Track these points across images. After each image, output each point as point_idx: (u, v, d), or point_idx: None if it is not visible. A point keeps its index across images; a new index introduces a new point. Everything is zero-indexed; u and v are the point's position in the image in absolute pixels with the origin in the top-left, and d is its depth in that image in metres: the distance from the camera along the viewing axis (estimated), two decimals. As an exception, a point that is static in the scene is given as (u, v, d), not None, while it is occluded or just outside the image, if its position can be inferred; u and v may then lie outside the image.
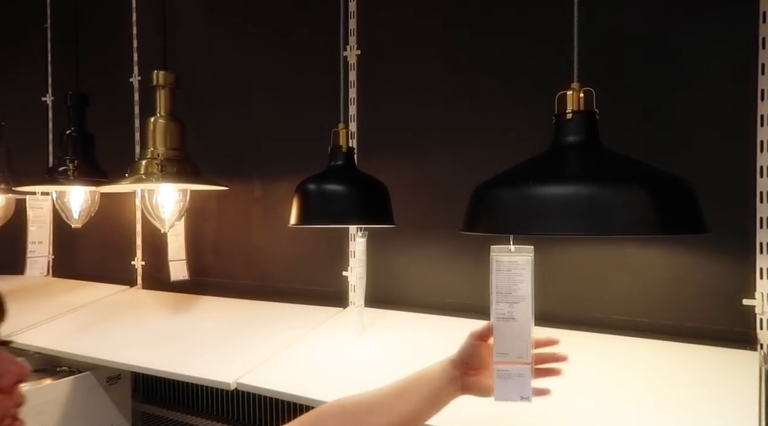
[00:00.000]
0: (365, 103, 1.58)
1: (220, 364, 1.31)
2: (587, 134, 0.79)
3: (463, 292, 1.44)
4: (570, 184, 0.71)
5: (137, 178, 1.38)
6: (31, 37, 2.33)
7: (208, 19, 1.94)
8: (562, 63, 0.81)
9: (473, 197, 0.82)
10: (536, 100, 1.32)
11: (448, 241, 1.45)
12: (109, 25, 2.15)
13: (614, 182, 0.70)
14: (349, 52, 1.57)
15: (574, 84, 0.79)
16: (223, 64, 1.91)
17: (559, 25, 0.81)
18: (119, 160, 1.77)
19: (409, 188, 1.50)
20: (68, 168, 1.64)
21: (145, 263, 2.05)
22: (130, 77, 2.07)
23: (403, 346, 1.32)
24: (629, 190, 0.69)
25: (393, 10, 1.56)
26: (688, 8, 1.19)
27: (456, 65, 1.46)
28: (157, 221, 1.51)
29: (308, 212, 1.12)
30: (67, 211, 1.78)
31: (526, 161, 0.81)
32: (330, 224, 1.13)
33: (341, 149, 1.17)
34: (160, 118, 1.43)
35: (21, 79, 2.39)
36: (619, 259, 1.24)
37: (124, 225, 2.09)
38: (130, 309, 1.83)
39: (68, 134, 1.71)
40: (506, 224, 0.76)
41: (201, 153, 1.52)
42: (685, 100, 1.19)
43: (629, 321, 1.23)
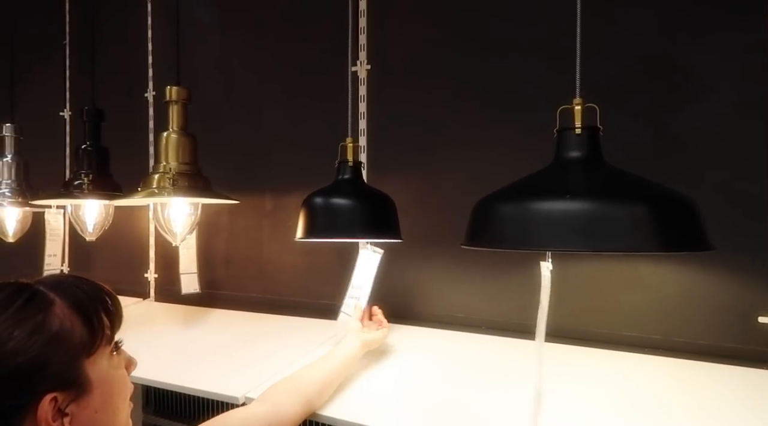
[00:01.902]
0: (375, 117, 1.59)
1: (229, 378, 1.31)
2: (589, 149, 0.79)
3: (472, 307, 1.44)
4: (573, 200, 0.71)
5: (150, 192, 1.40)
6: (51, 54, 2.39)
7: (220, 36, 1.97)
8: (569, 76, 0.81)
9: (474, 212, 0.83)
10: (547, 116, 1.32)
11: (457, 256, 1.45)
12: (125, 42, 2.19)
13: (614, 198, 0.69)
14: (359, 68, 1.59)
15: (576, 99, 0.79)
16: (234, 80, 1.93)
17: (569, 41, 0.81)
18: (133, 174, 1.80)
19: (418, 202, 1.50)
20: (83, 182, 1.67)
21: (158, 276, 2.07)
22: (145, 92, 2.10)
23: (410, 360, 1.31)
24: (630, 207, 0.68)
25: (403, 26, 1.57)
26: (698, 22, 1.18)
27: (465, 80, 1.47)
28: (168, 235, 1.53)
29: (314, 226, 1.12)
30: (81, 225, 1.80)
31: (527, 176, 0.81)
32: (335, 239, 1.14)
33: (348, 163, 1.18)
34: (172, 133, 1.45)
35: (40, 94, 2.44)
36: (631, 276, 1.22)
37: (137, 238, 2.11)
38: (143, 322, 1.85)
39: (83, 149, 1.74)
40: (505, 239, 0.76)
41: (212, 167, 1.54)
42: (694, 116, 1.18)
43: (641, 338, 1.21)
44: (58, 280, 0.61)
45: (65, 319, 0.57)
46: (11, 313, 0.54)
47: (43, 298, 0.57)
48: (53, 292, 0.58)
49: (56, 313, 0.56)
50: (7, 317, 0.54)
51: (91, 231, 1.80)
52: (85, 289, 0.60)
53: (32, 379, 0.54)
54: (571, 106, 0.80)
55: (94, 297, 0.61)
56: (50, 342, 0.55)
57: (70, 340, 0.56)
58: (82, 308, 0.58)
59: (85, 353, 0.58)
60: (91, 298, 0.60)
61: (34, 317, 0.55)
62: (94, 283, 0.63)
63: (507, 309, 1.39)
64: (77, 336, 0.57)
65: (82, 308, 0.58)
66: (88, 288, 0.61)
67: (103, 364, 0.60)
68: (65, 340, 0.56)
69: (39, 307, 0.56)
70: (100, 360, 0.60)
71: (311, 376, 1.05)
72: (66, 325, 0.56)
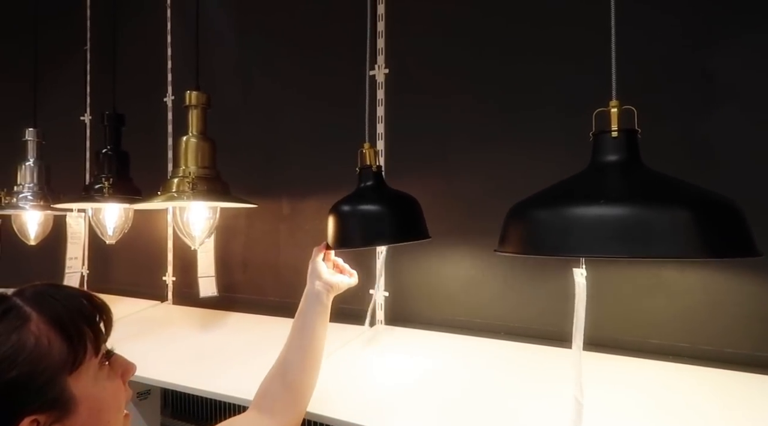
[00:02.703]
0: (393, 121, 1.58)
1: (247, 381, 1.30)
2: (628, 153, 0.77)
3: (493, 312, 1.42)
4: (611, 204, 0.69)
5: (169, 196, 1.41)
6: (72, 59, 2.42)
7: (238, 40, 1.98)
8: (596, 81, 0.80)
9: (509, 216, 0.81)
10: (569, 118, 1.30)
11: (478, 260, 1.43)
12: (144, 47, 2.22)
13: (656, 202, 0.67)
14: (376, 71, 1.58)
15: (613, 101, 0.77)
16: (252, 84, 1.94)
17: (594, 42, 0.79)
18: (152, 178, 1.81)
19: (438, 206, 1.49)
20: (103, 186, 1.69)
21: (176, 279, 2.09)
22: (164, 97, 2.12)
23: (432, 366, 1.29)
24: (676, 212, 0.66)
25: (421, 29, 1.56)
26: (726, 25, 1.16)
27: (487, 81, 1.46)
28: (187, 238, 1.53)
29: (347, 235, 1.10)
30: (101, 228, 1.82)
31: (563, 181, 0.79)
32: (370, 245, 1.13)
33: (369, 169, 1.17)
34: (191, 138, 1.46)
35: (61, 99, 2.47)
36: (654, 282, 1.20)
37: (156, 241, 2.13)
38: (161, 325, 1.86)
39: (104, 153, 1.76)
40: (542, 244, 0.74)
41: (231, 170, 1.55)
42: (724, 118, 1.15)
43: (667, 345, 1.19)
44: (36, 291, 0.57)
45: (41, 336, 0.53)
46: None
47: (18, 314, 0.54)
48: (30, 305, 0.55)
49: (32, 330, 0.53)
50: None
51: (111, 234, 1.81)
52: (64, 302, 0.56)
53: (9, 402, 0.51)
54: (608, 109, 0.78)
55: (74, 309, 0.57)
56: (26, 362, 0.52)
57: (48, 358, 0.53)
58: (60, 323, 0.55)
59: (66, 370, 0.54)
60: (71, 310, 0.56)
61: (8, 336, 0.52)
62: (75, 293, 0.59)
63: (529, 315, 1.37)
64: (56, 353, 0.53)
65: (60, 323, 0.55)
66: (68, 300, 0.57)
67: (88, 379, 0.56)
68: (42, 359, 0.53)
69: (13, 324, 0.53)
70: (85, 375, 0.56)
71: (298, 364, 0.98)
72: (42, 342, 0.53)
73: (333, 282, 1.04)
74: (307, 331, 1.00)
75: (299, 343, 0.99)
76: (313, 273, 1.04)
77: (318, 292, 1.02)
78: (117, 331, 0.94)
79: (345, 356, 1.41)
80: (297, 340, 0.99)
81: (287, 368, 0.97)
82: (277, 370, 0.98)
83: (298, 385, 0.96)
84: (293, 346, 0.99)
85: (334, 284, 1.04)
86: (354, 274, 1.12)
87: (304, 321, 1.01)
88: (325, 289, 1.02)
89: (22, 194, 1.91)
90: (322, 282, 1.03)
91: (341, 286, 1.06)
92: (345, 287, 1.08)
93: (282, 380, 0.96)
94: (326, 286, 1.03)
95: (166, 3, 2.13)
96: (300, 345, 0.98)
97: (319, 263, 1.05)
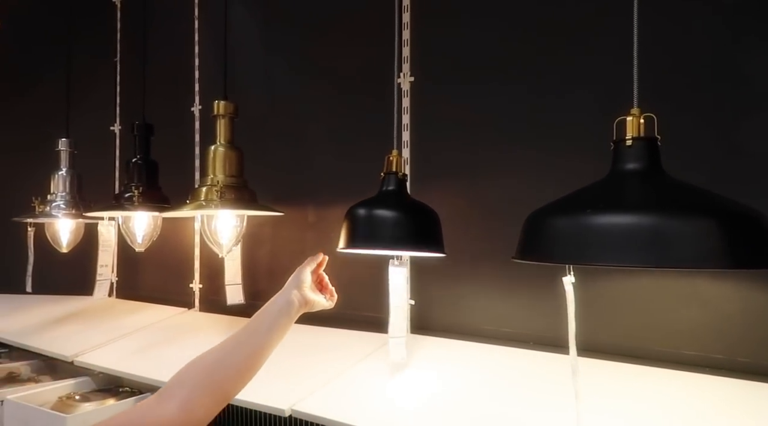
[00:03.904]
0: (418, 129, 1.58)
1: (275, 390, 1.31)
2: (648, 161, 0.76)
3: (519, 322, 1.40)
4: (631, 212, 0.68)
5: (198, 204, 1.43)
6: (102, 71, 2.48)
7: (264, 50, 2.01)
8: (622, 86, 0.79)
9: (527, 224, 0.80)
10: (595, 126, 1.28)
11: (504, 269, 1.42)
12: (172, 58, 2.26)
13: (679, 211, 0.66)
14: (402, 79, 1.59)
15: (634, 109, 0.76)
16: (279, 93, 1.96)
17: (621, 47, 0.78)
18: (179, 186, 1.84)
19: (462, 215, 1.48)
20: (133, 194, 1.72)
21: (203, 286, 2.11)
22: (192, 107, 2.16)
23: (456, 376, 1.28)
24: (697, 220, 0.65)
25: (446, 37, 1.56)
26: (759, 27, 1.13)
27: (511, 89, 1.45)
28: (215, 246, 1.55)
29: (356, 237, 1.11)
30: (131, 236, 1.85)
31: (583, 188, 0.78)
32: (377, 250, 1.13)
33: (393, 175, 1.17)
34: (219, 147, 1.48)
35: (92, 109, 2.53)
36: (689, 291, 1.17)
37: (183, 249, 2.16)
38: (188, 332, 1.88)
39: (134, 162, 1.80)
40: (561, 253, 0.74)
41: (257, 178, 1.56)
42: (758, 124, 1.13)
43: (701, 357, 1.15)
44: None
45: None
46: None
47: None
48: None
49: None
50: None
51: (140, 242, 1.84)
52: None
53: None
54: (628, 116, 0.77)
55: None
56: None
57: None
58: None
59: None
60: None
61: None
62: None
63: (559, 324, 1.35)
64: None
65: None
66: None
67: None
68: None
69: None
70: None
71: (232, 362, 0.84)
72: None
73: (310, 299, 0.97)
74: (260, 339, 0.88)
75: (247, 348, 0.86)
76: (294, 281, 0.97)
77: (291, 302, 0.93)
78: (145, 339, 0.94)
79: (373, 365, 1.40)
80: (245, 345, 0.86)
81: (220, 368, 0.83)
82: (206, 366, 0.83)
83: (227, 389, 0.83)
84: (237, 349, 0.86)
85: (309, 301, 0.97)
86: (334, 297, 1.06)
87: (262, 327, 0.90)
88: (300, 303, 0.94)
89: (55, 203, 1.96)
90: (301, 294, 0.95)
91: (315, 307, 0.99)
92: (318, 309, 1.00)
93: (209, 378, 0.81)
94: (302, 300, 0.95)
95: (194, 15, 2.18)
96: (247, 351, 0.86)
97: (306, 274, 0.98)
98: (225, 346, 0.86)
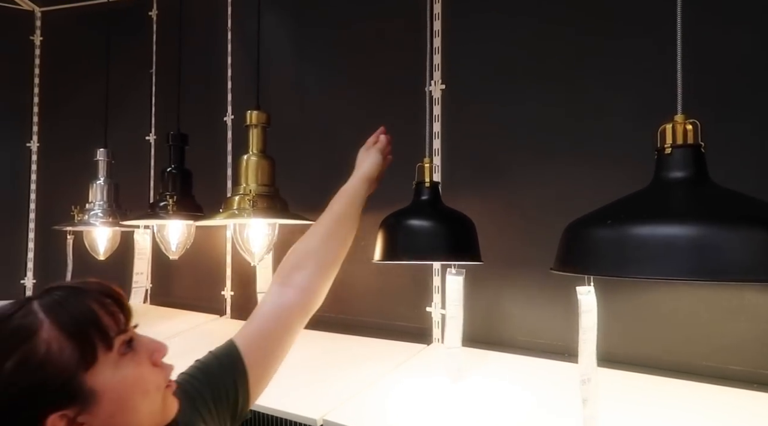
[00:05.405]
0: (449, 137, 1.57)
1: (306, 400, 1.31)
2: (693, 169, 0.73)
3: (555, 333, 1.37)
4: (674, 223, 0.66)
5: (230, 213, 1.44)
6: (139, 82, 2.55)
7: (296, 60, 2.03)
8: (665, 92, 0.76)
9: (566, 234, 0.78)
10: (634, 133, 1.25)
11: (538, 279, 1.39)
12: (206, 69, 2.30)
13: (726, 221, 0.63)
14: (433, 87, 1.58)
15: (677, 116, 0.73)
16: (310, 102, 1.97)
17: (660, 52, 0.76)
18: (211, 195, 1.87)
19: (496, 223, 1.45)
20: (168, 203, 1.74)
21: (234, 294, 2.13)
22: (224, 116, 2.19)
23: (488, 386, 1.26)
24: (743, 231, 0.62)
25: (478, 44, 1.55)
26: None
27: (545, 97, 1.42)
28: (247, 254, 1.56)
29: (394, 248, 1.10)
30: (165, 244, 1.88)
31: (625, 197, 0.76)
32: (416, 261, 1.11)
33: (426, 184, 1.16)
34: (252, 156, 1.50)
35: (128, 119, 2.60)
36: (736, 304, 1.12)
37: (215, 257, 2.18)
38: (220, 339, 1.89)
39: (168, 171, 1.82)
40: (601, 265, 0.71)
41: (288, 187, 1.57)
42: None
43: (749, 372, 1.10)
44: (50, 299, 0.61)
45: (52, 342, 0.57)
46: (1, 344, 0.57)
47: (31, 322, 0.58)
48: (43, 311, 0.59)
49: (42, 338, 0.57)
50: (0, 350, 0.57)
51: (174, 250, 1.87)
52: (74, 308, 0.60)
53: (30, 404, 0.56)
54: (672, 124, 0.74)
55: (82, 314, 0.60)
56: (39, 368, 0.56)
57: (60, 362, 0.57)
58: (69, 329, 0.58)
59: (81, 369, 0.58)
60: (79, 316, 0.59)
61: (20, 346, 0.57)
62: (88, 295, 0.62)
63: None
64: (66, 356, 0.57)
65: (69, 329, 0.58)
66: (78, 306, 0.60)
67: (106, 373, 0.60)
68: (55, 363, 0.57)
69: (26, 333, 0.57)
70: (102, 369, 0.59)
71: (338, 248, 0.99)
72: (53, 348, 0.57)
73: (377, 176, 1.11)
74: (351, 220, 1.02)
75: (343, 229, 1.00)
76: (376, 161, 1.10)
77: (371, 180, 1.08)
78: (179, 345, 0.94)
79: (405, 375, 1.39)
80: (343, 224, 1.00)
81: (326, 250, 0.97)
82: (314, 249, 0.96)
83: (333, 268, 0.97)
84: (338, 227, 0.99)
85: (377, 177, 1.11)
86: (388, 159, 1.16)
87: (352, 209, 1.03)
88: (371, 181, 1.09)
89: (93, 211, 2.00)
90: (375, 176, 1.09)
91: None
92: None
93: (319, 262, 0.95)
94: (373, 179, 1.09)
95: (227, 26, 2.21)
96: (343, 232, 0.99)
97: (379, 158, 1.11)
98: (323, 229, 0.99)
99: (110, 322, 0.61)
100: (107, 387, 0.59)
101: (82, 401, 0.58)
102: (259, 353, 0.86)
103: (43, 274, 2.61)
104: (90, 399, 0.58)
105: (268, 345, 0.87)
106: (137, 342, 0.64)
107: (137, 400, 0.62)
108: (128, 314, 0.64)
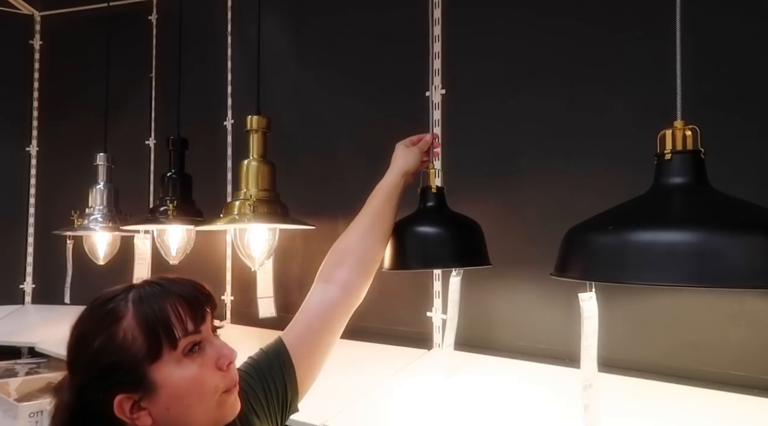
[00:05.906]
0: (449, 142, 1.57)
1: (308, 404, 1.30)
2: (693, 175, 0.73)
3: (556, 339, 1.37)
4: (674, 229, 0.66)
5: (231, 218, 1.44)
6: (138, 86, 2.55)
7: (296, 64, 2.03)
8: (664, 96, 0.76)
9: (566, 240, 0.78)
10: (634, 137, 1.25)
11: (540, 284, 1.39)
12: (206, 74, 2.30)
13: (726, 228, 0.63)
14: (433, 92, 1.58)
15: (677, 122, 0.73)
16: (310, 106, 1.98)
17: (662, 57, 0.76)
18: (211, 199, 1.86)
19: (497, 228, 1.45)
20: (168, 208, 1.74)
21: (234, 299, 2.13)
22: (224, 121, 2.19)
23: (491, 392, 1.26)
24: (744, 237, 0.62)
25: (478, 50, 1.56)
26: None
27: (545, 101, 1.43)
28: (247, 259, 1.56)
29: (404, 256, 1.09)
30: (165, 249, 1.88)
31: (625, 203, 0.76)
32: (426, 268, 1.11)
33: (432, 189, 1.16)
34: (252, 161, 1.49)
35: (128, 124, 2.60)
36: (737, 309, 1.12)
37: (215, 262, 2.18)
38: (220, 344, 1.89)
39: (169, 176, 1.82)
40: (601, 271, 0.71)
41: (288, 192, 1.57)
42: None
43: (750, 378, 1.10)
44: (142, 289, 0.68)
45: (129, 332, 0.64)
46: (96, 322, 0.66)
47: (121, 310, 0.65)
48: (132, 304, 0.66)
49: (123, 326, 0.64)
50: (94, 326, 0.66)
51: (174, 255, 1.87)
52: (155, 307, 0.65)
53: (107, 382, 0.64)
54: (672, 129, 0.75)
55: (159, 314, 0.65)
56: (117, 351, 0.64)
57: (131, 351, 0.64)
58: (143, 323, 0.64)
59: (147, 361, 0.64)
60: (157, 315, 0.65)
61: (109, 328, 0.65)
62: (167, 294, 0.67)
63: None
64: (137, 347, 0.64)
65: (143, 323, 0.64)
66: (156, 303, 0.66)
67: (169, 369, 0.65)
68: (127, 351, 0.64)
69: (114, 318, 0.65)
70: (165, 365, 0.64)
71: (378, 243, 1.02)
72: (129, 337, 0.64)
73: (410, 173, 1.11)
74: (388, 217, 1.04)
75: (381, 226, 1.02)
76: (416, 158, 1.11)
77: (407, 175, 1.09)
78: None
79: (405, 379, 1.39)
80: (380, 220, 1.03)
81: (365, 248, 1.00)
82: (353, 248, 1.00)
83: (373, 265, 1.00)
84: (376, 223, 1.02)
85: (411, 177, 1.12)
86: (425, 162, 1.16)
87: (392, 201, 1.05)
88: (406, 178, 1.10)
89: (93, 216, 2.00)
90: (412, 171, 1.10)
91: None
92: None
93: (359, 260, 0.98)
94: (408, 175, 1.10)
95: (227, 31, 2.22)
96: (381, 229, 1.02)
97: (417, 158, 1.11)
98: (361, 226, 1.02)
99: (179, 324, 0.65)
100: (167, 382, 0.64)
101: (145, 389, 0.64)
102: (305, 348, 0.90)
103: (43, 279, 2.60)
104: (152, 389, 0.64)
105: (313, 340, 0.91)
106: (209, 345, 0.68)
107: (192, 399, 0.66)
108: (201, 319, 0.68)
